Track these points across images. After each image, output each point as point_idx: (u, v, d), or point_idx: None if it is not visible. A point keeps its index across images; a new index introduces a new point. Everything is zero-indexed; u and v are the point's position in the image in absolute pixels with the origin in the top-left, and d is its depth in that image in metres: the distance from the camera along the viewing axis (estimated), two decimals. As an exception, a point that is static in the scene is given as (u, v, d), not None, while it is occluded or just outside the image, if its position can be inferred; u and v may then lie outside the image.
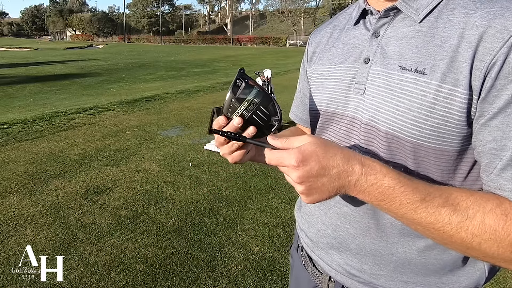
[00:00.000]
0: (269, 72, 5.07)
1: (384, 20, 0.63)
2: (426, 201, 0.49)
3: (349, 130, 0.65)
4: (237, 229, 2.65)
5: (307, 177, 0.50)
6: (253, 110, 0.58)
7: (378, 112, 0.59)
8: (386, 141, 0.59)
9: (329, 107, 0.69)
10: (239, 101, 0.57)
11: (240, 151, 0.62)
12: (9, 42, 55.04)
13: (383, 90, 0.59)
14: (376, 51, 0.62)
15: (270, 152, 0.54)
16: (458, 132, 0.53)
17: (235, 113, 0.58)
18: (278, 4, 56.93)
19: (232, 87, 0.57)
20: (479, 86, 0.50)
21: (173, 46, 46.58)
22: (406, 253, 0.62)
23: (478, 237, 0.48)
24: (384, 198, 0.51)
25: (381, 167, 0.51)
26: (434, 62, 0.54)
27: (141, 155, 4.25)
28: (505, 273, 2.17)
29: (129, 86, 11.02)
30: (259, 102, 0.58)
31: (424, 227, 0.51)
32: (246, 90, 0.57)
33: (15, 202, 3.03)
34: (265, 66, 10.12)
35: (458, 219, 0.48)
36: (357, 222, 0.65)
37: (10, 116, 6.31)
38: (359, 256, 0.66)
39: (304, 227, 0.79)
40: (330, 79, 0.70)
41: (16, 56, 25.78)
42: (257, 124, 0.59)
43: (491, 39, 0.50)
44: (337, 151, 0.51)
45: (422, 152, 0.56)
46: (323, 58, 0.74)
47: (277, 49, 36.33)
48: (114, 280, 2.10)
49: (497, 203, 0.48)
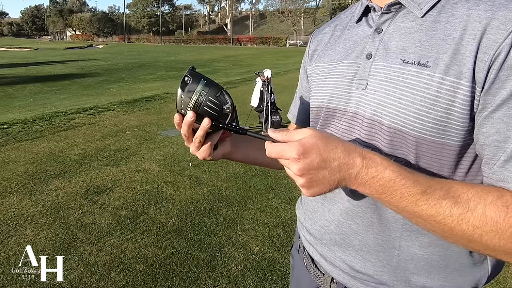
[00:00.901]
0: (269, 72, 5.06)
1: (386, 15, 0.63)
2: (427, 194, 0.49)
3: (351, 125, 0.65)
4: (237, 229, 2.65)
5: (308, 169, 0.50)
6: (203, 102, 0.59)
7: (380, 106, 0.59)
8: (389, 135, 0.59)
9: (331, 103, 0.69)
10: (188, 95, 0.59)
11: (205, 146, 0.64)
12: (9, 42, 55.03)
13: (385, 84, 0.59)
14: (379, 47, 0.62)
15: (270, 144, 0.54)
16: (461, 126, 0.53)
17: (187, 108, 0.60)
18: (278, 4, 57.00)
19: (181, 84, 0.59)
20: (483, 78, 0.50)
21: (173, 46, 46.59)
22: (409, 247, 0.62)
23: (479, 229, 0.47)
24: (385, 190, 0.51)
25: (382, 160, 0.51)
26: (437, 55, 0.54)
27: (141, 155, 4.25)
28: (505, 273, 2.17)
29: (129, 86, 11.02)
30: (207, 93, 0.59)
31: (425, 220, 0.51)
32: (193, 85, 0.59)
33: (15, 202, 3.03)
34: (265, 66, 10.11)
35: (459, 211, 0.48)
36: (360, 217, 0.65)
37: (10, 116, 6.31)
38: (362, 252, 0.66)
39: (306, 223, 0.79)
40: (332, 75, 0.70)
41: (16, 56, 25.79)
42: (211, 115, 0.60)
43: (494, 31, 0.50)
44: (338, 144, 0.51)
45: (424, 146, 0.56)
46: (325, 56, 0.75)
47: (277, 49, 36.33)
48: (114, 280, 2.10)
49: (498, 195, 0.48)
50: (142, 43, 59.75)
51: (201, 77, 0.60)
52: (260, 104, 5.06)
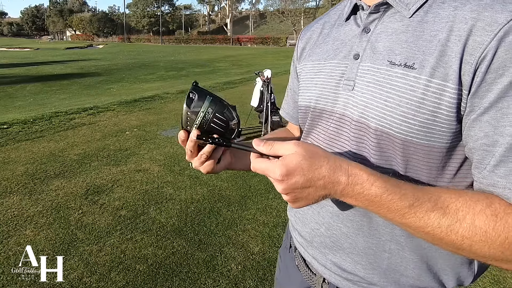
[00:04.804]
0: (269, 72, 5.06)
1: (374, 15, 0.62)
2: (414, 207, 0.49)
3: (339, 127, 0.65)
4: (237, 229, 2.65)
5: (292, 189, 0.50)
6: (210, 119, 0.59)
7: (367, 109, 0.59)
8: (376, 137, 0.58)
9: (318, 103, 0.69)
10: (194, 113, 0.59)
11: (210, 161, 0.65)
12: (9, 42, 55.03)
13: (372, 86, 0.59)
14: (366, 47, 0.62)
15: (255, 160, 0.54)
16: (447, 128, 0.53)
17: (194, 125, 0.59)
18: (278, 4, 56.97)
19: (186, 101, 0.59)
20: (469, 80, 0.50)
21: (173, 46, 46.58)
22: (399, 250, 0.63)
23: (468, 239, 0.47)
24: (371, 204, 0.51)
25: (368, 176, 0.50)
26: (423, 57, 0.54)
27: (141, 155, 4.25)
28: (505, 273, 2.17)
29: (129, 86, 11.03)
30: (214, 111, 0.59)
31: (414, 230, 0.51)
32: (199, 102, 0.59)
33: (15, 202, 3.03)
34: (265, 66, 10.11)
35: (448, 222, 0.48)
36: (350, 220, 0.65)
37: (10, 116, 6.31)
38: (352, 255, 0.66)
39: (297, 226, 0.79)
40: (319, 75, 0.70)
41: (16, 56, 25.78)
42: (217, 131, 0.60)
43: (480, 32, 0.49)
44: (323, 163, 0.50)
45: (412, 148, 0.55)
46: (313, 54, 0.74)
47: (277, 49, 36.32)
48: (114, 280, 2.10)
49: (487, 203, 0.48)
50: (142, 43, 59.77)
51: (207, 94, 0.59)
52: (260, 104, 5.06)
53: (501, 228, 0.46)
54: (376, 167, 0.57)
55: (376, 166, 0.59)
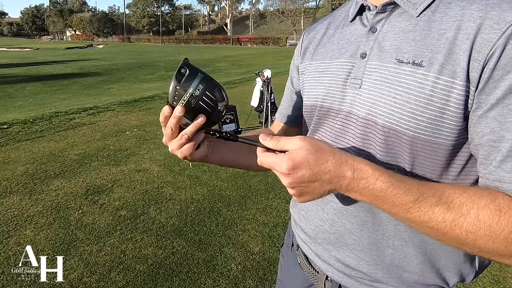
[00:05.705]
0: (269, 72, 5.06)
1: (381, 15, 0.63)
2: (419, 201, 0.50)
3: (345, 125, 0.65)
4: (237, 229, 2.65)
5: (298, 183, 0.51)
6: (199, 96, 0.56)
7: (375, 106, 0.59)
8: (383, 134, 0.59)
9: (325, 102, 0.69)
10: (183, 89, 0.56)
11: (189, 144, 0.61)
12: (9, 42, 55.04)
13: (380, 84, 0.59)
14: (373, 46, 0.62)
15: (262, 155, 0.54)
16: (455, 125, 0.54)
17: (181, 101, 0.56)
18: (278, 4, 57.01)
19: (176, 75, 0.56)
20: (477, 77, 0.51)
21: (173, 46, 46.59)
22: (402, 246, 0.63)
23: (472, 234, 0.48)
24: (376, 199, 0.51)
25: (374, 171, 0.51)
26: (431, 55, 0.54)
27: (141, 155, 4.25)
28: (505, 273, 2.17)
29: (129, 86, 11.03)
30: (204, 88, 0.56)
31: (418, 225, 0.52)
32: (190, 77, 0.56)
33: (15, 202, 3.03)
34: (265, 66, 10.10)
35: (452, 217, 0.48)
36: (354, 216, 0.66)
37: (10, 116, 6.31)
38: (356, 251, 0.67)
39: (301, 222, 0.79)
40: (325, 74, 0.70)
41: (16, 56, 25.79)
42: (205, 111, 0.57)
43: (488, 30, 0.50)
44: (329, 157, 0.51)
45: (419, 145, 0.56)
46: (318, 54, 0.74)
47: (277, 49, 36.34)
48: (114, 280, 2.10)
49: (490, 198, 0.48)
50: (142, 43, 59.77)
51: (199, 71, 0.57)
52: (260, 104, 5.07)
53: (505, 223, 0.46)
54: (382, 164, 0.58)
55: (382, 163, 0.59)
